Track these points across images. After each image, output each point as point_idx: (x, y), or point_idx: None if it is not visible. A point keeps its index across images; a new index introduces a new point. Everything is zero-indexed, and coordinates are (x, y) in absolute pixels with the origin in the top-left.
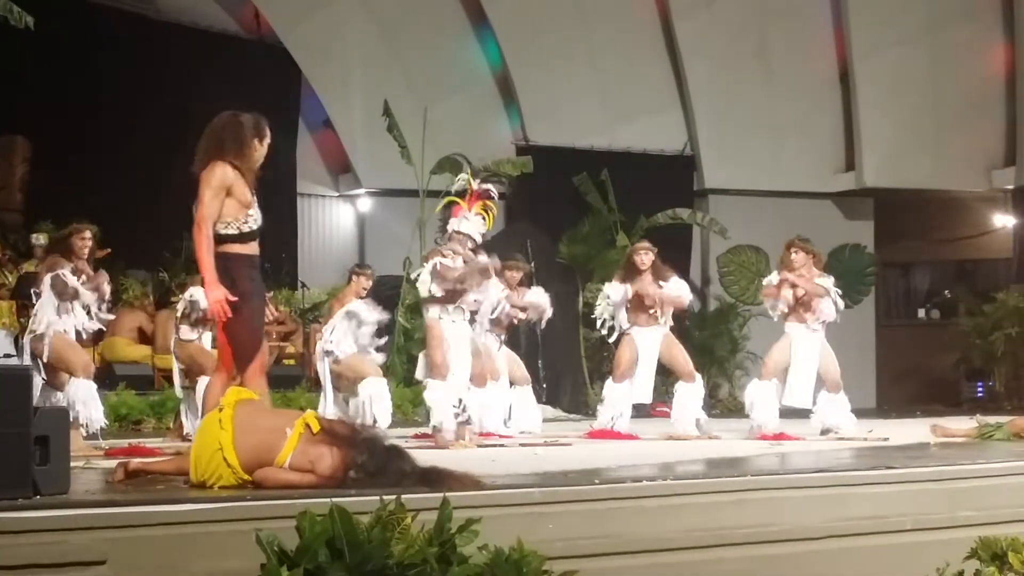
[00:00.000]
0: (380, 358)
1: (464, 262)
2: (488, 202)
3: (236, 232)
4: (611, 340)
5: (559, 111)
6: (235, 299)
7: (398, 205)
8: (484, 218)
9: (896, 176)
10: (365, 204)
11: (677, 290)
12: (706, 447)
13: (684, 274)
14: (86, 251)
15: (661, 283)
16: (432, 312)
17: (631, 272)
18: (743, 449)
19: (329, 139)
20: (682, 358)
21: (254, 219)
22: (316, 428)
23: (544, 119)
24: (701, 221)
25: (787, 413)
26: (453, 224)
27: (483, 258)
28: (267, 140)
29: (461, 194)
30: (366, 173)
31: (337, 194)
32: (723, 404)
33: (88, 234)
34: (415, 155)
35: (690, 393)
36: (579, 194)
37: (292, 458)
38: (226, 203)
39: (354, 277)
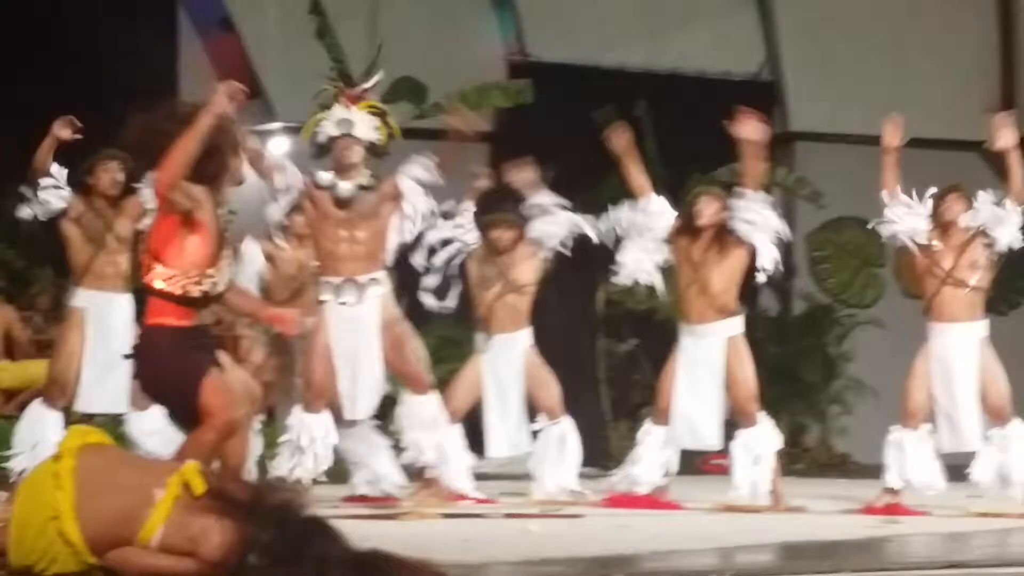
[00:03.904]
0: None
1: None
2: (374, 105)
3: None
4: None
5: (573, 13)
6: None
7: None
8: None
9: None
10: (282, 145)
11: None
12: (783, 524)
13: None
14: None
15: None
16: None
17: (684, 228)
18: (838, 529)
19: (228, 47)
20: (744, 384)
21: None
22: (199, 489)
23: (551, 25)
24: (784, 180)
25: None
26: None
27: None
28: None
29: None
30: (284, 99)
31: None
32: (811, 456)
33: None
34: (358, 74)
35: (749, 441)
36: (601, 137)
37: (163, 533)
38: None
39: None
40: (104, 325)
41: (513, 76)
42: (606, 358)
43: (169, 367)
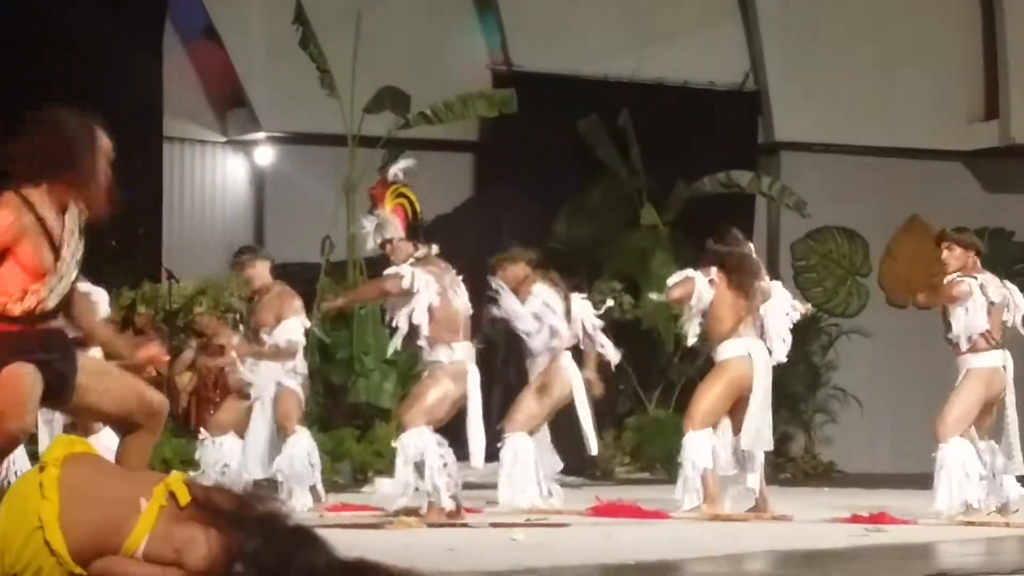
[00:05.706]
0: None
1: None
2: (399, 188)
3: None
4: None
5: (557, 24)
6: None
7: (315, 157)
8: (404, 209)
9: None
10: (265, 155)
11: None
12: (769, 533)
13: None
14: None
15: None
16: None
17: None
18: (824, 537)
19: (212, 56)
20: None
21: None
22: (184, 499)
23: (536, 34)
24: (768, 190)
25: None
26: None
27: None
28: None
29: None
30: (267, 109)
31: (224, 139)
32: (796, 465)
33: None
34: (341, 83)
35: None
36: (585, 146)
37: (148, 544)
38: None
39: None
40: None
41: (497, 86)
42: None
43: None
